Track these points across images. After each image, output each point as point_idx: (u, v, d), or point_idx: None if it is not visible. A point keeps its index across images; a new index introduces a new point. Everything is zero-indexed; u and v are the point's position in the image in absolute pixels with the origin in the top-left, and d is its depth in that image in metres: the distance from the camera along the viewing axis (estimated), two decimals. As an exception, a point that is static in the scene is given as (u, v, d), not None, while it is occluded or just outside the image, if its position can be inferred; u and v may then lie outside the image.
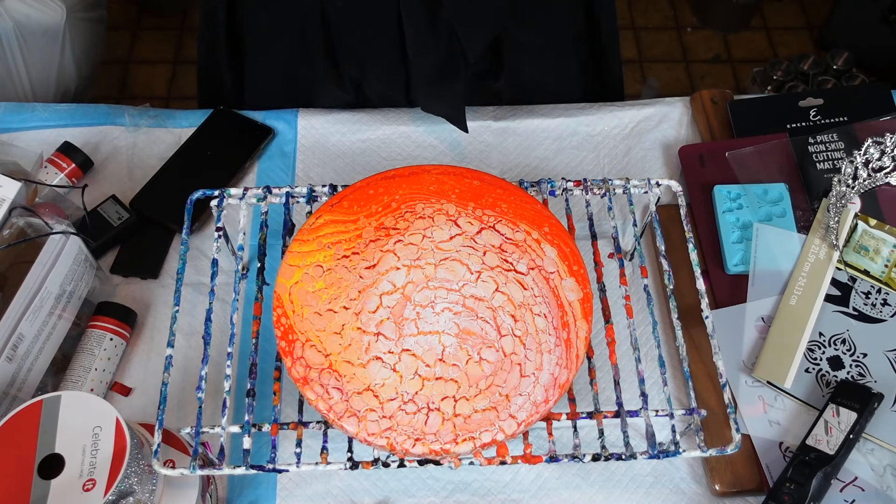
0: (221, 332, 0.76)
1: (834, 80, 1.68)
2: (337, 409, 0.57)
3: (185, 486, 0.62)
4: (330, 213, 0.64)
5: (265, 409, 0.70)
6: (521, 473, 0.71)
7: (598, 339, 0.70)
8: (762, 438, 0.71)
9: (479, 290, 0.61)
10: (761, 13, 1.97)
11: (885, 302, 0.76)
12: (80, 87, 1.41)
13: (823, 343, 0.75)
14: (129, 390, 0.75)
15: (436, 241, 0.62)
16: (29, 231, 0.69)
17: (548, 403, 0.58)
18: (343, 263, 0.61)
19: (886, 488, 0.68)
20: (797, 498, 0.64)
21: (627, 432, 0.60)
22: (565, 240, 0.64)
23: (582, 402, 0.70)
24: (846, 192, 0.80)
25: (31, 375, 0.69)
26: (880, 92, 0.89)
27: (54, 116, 0.89)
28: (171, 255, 0.82)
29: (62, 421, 0.56)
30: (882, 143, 0.82)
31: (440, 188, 0.65)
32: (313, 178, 0.87)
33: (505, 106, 0.92)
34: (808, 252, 0.78)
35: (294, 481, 0.70)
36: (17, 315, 0.66)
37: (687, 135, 0.90)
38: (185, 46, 1.88)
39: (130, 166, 0.87)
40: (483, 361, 0.59)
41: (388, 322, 0.59)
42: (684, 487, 0.71)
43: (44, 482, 0.54)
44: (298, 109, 0.91)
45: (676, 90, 1.84)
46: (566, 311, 0.61)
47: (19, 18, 1.23)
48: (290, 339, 0.59)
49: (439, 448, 0.57)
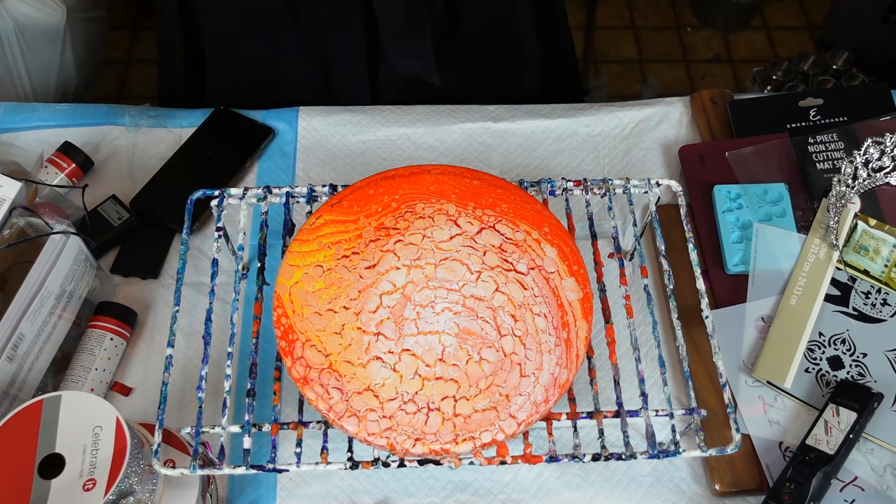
0: (221, 332, 0.76)
1: (834, 80, 1.68)
2: (337, 408, 0.57)
3: (185, 485, 0.62)
4: (330, 213, 0.64)
5: (265, 408, 0.70)
6: (521, 473, 0.71)
7: (598, 339, 0.70)
8: (762, 438, 0.71)
9: (479, 289, 0.61)
10: (761, 13, 1.97)
11: (884, 302, 0.76)
12: (80, 87, 1.41)
13: (823, 343, 0.75)
14: (130, 390, 0.75)
15: (436, 240, 0.62)
16: (29, 231, 0.70)
17: (548, 403, 0.58)
18: (343, 263, 0.61)
19: (886, 488, 0.68)
20: (797, 498, 0.64)
21: (627, 432, 0.60)
22: (565, 240, 0.64)
23: (582, 402, 0.70)
24: (846, 192, 0.80)
25: (32, 375, 0.69)
26: (880, 92, 0.89)
27: (54, 116, 0.89)
28: (171, 255, 0.82)
29: (62, 421, 0.56)
30: (882, 143, 0.82)
31: (440, 188, 0.65)
32: (313, 178, 0.87)
33: (505, 105, 0.92)
34: (808, 252, 0.78)
35: (294, 481, 0.71)
36: (17, 315, 0.66)
37: (687, 135, 0.90)
38: (185, 46, 1.88)
39: (130, 166, 0.87)
40: (483, 361, 0.59)
41: (388, 322, 0.59)
42: (684, 487, 0.71)
43: (44, 482, 0.54)
44: (299, 109, 0.91)
45: (676, 90, 1.84)
46: (566, 311, 0.61)
47: (19, 18, 1.23)
48: (290, 338, 0.59)
49: (439, 448, 0.57)
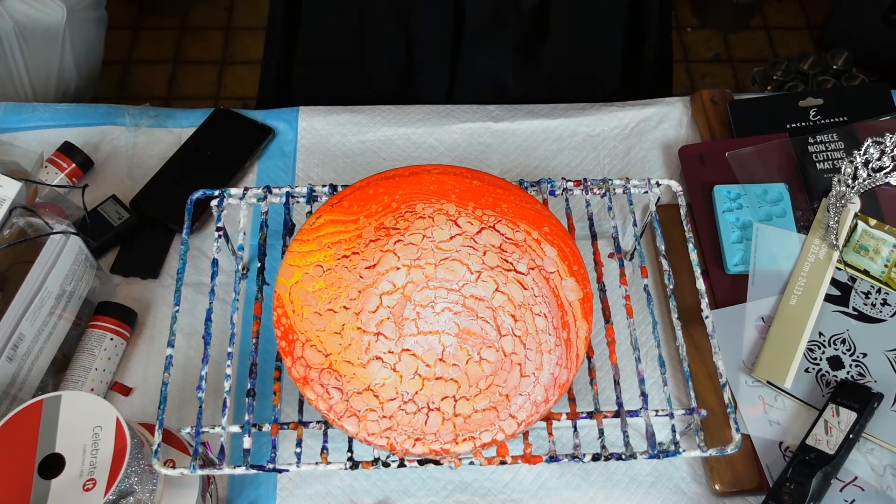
0: (221, 332, 0.76)
1: (834, 80, 1.68)
2: (337, 408, 0.57)
3: (185, 485, 0.62)
4: (330, 213, 0.64)
5: (265, 408, 0.70)
6: (521, 473, 0.71)
7: (598, 339, 0.70)
8: (762, 438, 0.71)
9: (479, 289, 0.61)
10: (761, 13, 1.97)
11: (884, 302, 0.76)
12: (80, 87, 1.41)
13: (823, 343, 0.75)
14: (130, 390, 0.75)
15: (436, 240, 0.62)
16: (29, 231, 0.69)
17: (548, 403, 0.58)
18: (343, 263, 0.61)
19: (886, 488, 0.68)
20: (797, 498, 0.64)
21: (627, 432, 0.60)
22: (565, 240, 0.64)
23: (582, 402, 0.70)
24: (846, 192, 0.80)
25: (32, 375, 0.69)
26: (880, 92, 0.89)
27: (54, 116, 0.89)
28: (171, 255, 0.82)
29: (62, 421, 0.56)
30: (882, 143, 0.82)
31: (440, 188, 0.65)
32: (313, 178, 0.87)
33: (506, 105, 0.92)
34: (808, 252, 0.78)
35: (294, 481, 0.70)
36: (17, 315, 0.66)
37: (687, 135, 0.90)
38: (185, 46, 1.88)
39: (130, 166, 0.87)
40: (483, 361, 0.59)
41: (388, 322, 0.59)
42: (684, 487, 0.71)
43: (44, 482, 0.54)
44: (299, 109, 0.91)
45: (676, 90, 1.83)
46: (566, 311, 0.61)
47: (19, 18, 1.23)
48: (290, 338, 0.59)
49: (439, 448, 0.57)
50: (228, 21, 1.92)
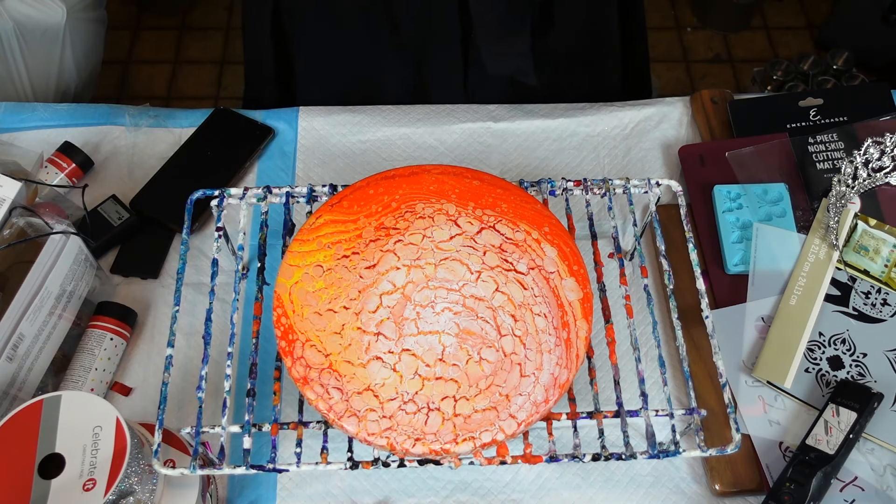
0: (221, 332, 0.76)
1: (834, 80, 1.68)
2: (337, 408, 0.57)
3: (185, 485, 0.62)
4: (330, 213, 0.64)
5: (265, 408, 0.70)
6: (521, 473, 0.71)
7: (598, 339, 0.70)
8: (762, 438, 0.71)
9: (479, 289, 0.61)
10: (761, 13, 1.97)
11: (884, 302, 0.76)
12: (80, 87, 1.41)
13: (823, 343, 0.75)
14: (130, 390, 0.75)
15: (436, 240, 0.62)
16: (29, 231, 0.70)
17: (548, 403, 0.58)
18: (343, 263, 0.61)
19: (886, 488, 0.68)
20: (797, 498, 0.64)
21: (627, 432, 0.60)
22: (565, 240, 0.64)
23: (582, 401, 0.70)
24: (846, 192, 0.80)
25: (32, 375, 0.69)
26: (880, 92, 0.89)
27: (54, 116, 0.89)
28: (171, 255, 0.82)
29: (62, 421, 0.56)
30: (882, 143, 0.82)
31: (440, 188, 0.65)
32: (313, 178, 0.87)
33: (505, 105, 0.92)
34: (808, 252, 0.78)
35: (294, 481, 0.71)
36: (17, 315, 0.66)
37: (687, 135, 0.90)
38: (185, 46, 1.88)
39: (130, 166, 0.87)
40: (483, 361, 0.59)
41: (388, 322, 0.59)
42: (684, 487, 0.71)
43: (44, 482, 0.54)
44: (299, 109, 0.91)
45: (676, 90, 1.84)
46: (566, 311, 0.61)
47: (19, 18, 1.23)
48: (290, 338, 0.59)
49: (439, 448, 0.57)
50: (228, 21, 1.92)
